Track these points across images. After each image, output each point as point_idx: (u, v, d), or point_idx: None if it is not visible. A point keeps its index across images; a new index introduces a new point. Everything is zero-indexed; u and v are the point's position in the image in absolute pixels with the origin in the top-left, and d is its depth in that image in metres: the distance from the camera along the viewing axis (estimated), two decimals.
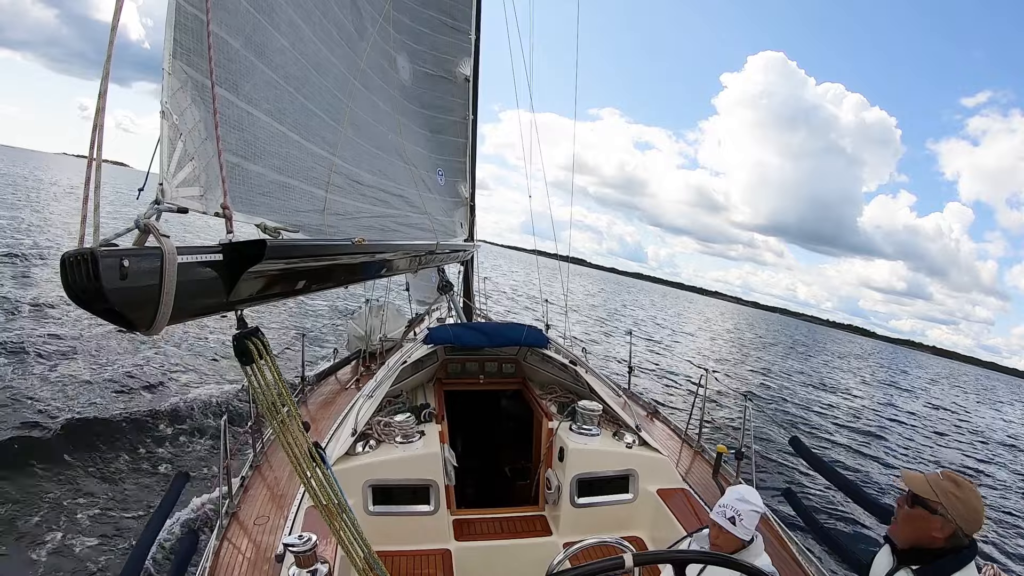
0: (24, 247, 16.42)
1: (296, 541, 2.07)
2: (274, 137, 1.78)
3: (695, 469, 3.99)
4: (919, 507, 1.64)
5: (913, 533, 1.67)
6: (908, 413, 22.17)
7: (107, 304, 0.89)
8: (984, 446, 18.56)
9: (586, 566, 1.49)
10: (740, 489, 2.10)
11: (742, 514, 1.99)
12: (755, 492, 2.11)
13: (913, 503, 1.66)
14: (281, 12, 1.97)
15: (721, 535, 2.03)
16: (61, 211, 29.09)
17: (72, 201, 35.01)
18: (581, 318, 28.53)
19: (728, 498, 2.06)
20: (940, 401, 31.42)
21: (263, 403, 1.22)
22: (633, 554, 1.51)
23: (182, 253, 1.01)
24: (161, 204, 1.11)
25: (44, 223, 23.36)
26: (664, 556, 1.65)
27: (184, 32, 1.28)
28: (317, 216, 2.11)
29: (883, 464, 12.55)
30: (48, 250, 16.48)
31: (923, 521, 1.63)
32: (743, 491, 2.09)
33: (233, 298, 1.19)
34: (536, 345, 4.56)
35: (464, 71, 5.58)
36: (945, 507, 1.59)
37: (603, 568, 1.46)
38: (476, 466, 4.52)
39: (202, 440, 6.80)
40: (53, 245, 17.58)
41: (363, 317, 5.72)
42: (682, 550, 2.16)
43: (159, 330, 1.00)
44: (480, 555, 3.18)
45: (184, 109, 1.25)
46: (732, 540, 2.01)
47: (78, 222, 0.94)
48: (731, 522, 2.00)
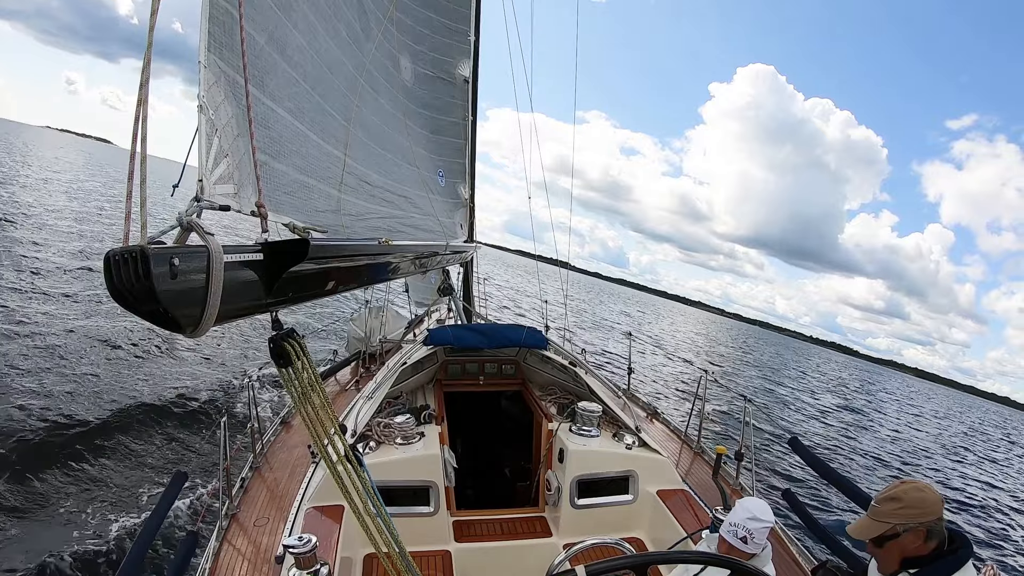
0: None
1: (296, 542, 2.06)
2: (296, 136, 1.77)
3: (695, 470, 4.03)
4: (888, 541, 1.63)
5: (891, 560, 1.66)
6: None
7: (156, 304, 0.86)
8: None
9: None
10: (750, 506, 2.04)
11: (754, 533, 1.96)
12: (765, 507, 2.05)
13: (880, 543, 1.66)
14: (298, 10, 1.95)
15: (732, 551, 1.98)
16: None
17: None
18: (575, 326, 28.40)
19: (739, 516, 2.01)
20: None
21: (299, 405, 1.20)
22: (585, 567, 1.48)
23: (226, 252, 1.00)
24: (202, 201, 1.09)
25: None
26: (619, 563, 1.59)
27: (217, 25, 1.26)
28: (333, 216, 2.10)
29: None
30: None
31: (897, 547, 1.63)
32: (753, 508, 2.02)
33: (270, 298, 1.17)
34: (536, 346, 4.57)
35: (463, 73, 5.59)
36: (900, 524, 1.59)
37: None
38: (476, 467, 4.51)
39: (201, 440, 6.70)
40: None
41: (363, 319, 5.71)
42: (636, 554, 2.08)
43: (204, 332, 0.98)
44: (480, 556, 3.18)
45: (219, 104, 1.23)
46: (741, 555, 1.97)
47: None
48: (743, 541, 1.97)
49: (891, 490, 1.66)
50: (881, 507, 1.64)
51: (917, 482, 1.66)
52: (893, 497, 1.63)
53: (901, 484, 1.67)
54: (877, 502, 1.68)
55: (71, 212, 23.10)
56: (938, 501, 1.61)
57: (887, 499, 1.64)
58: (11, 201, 21.22)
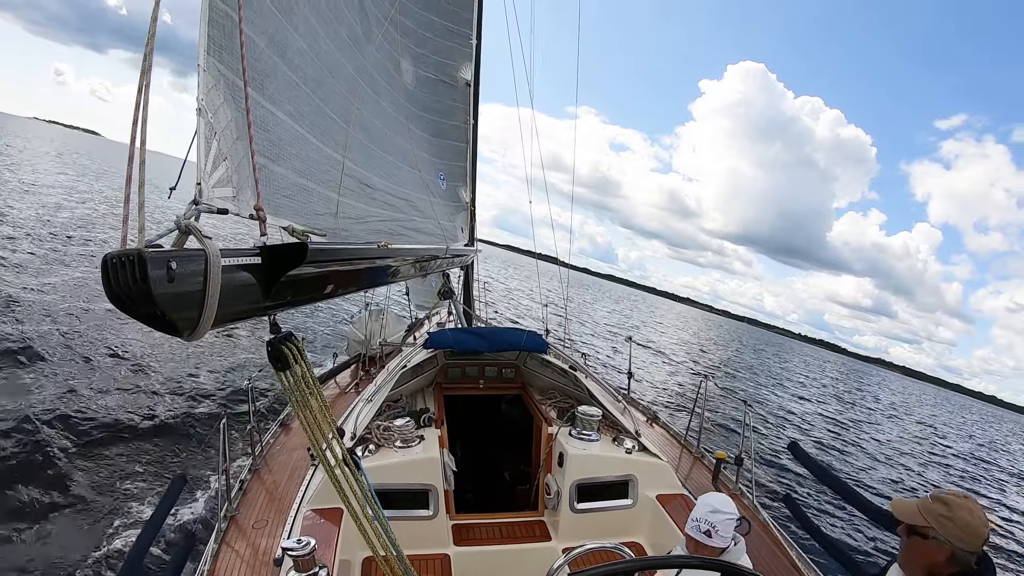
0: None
1: (295, 545, 2.06)
2: (296, 139, 1.77)
3: (694, 475, 4.01)
4: (915, 536, 1.61)
5: (917, 562, 1.64)
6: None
7: (154, 308, 0.86)
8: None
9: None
10: (710, 500, 2.05)
11: (716, 525, 1.96)
12: (726, 499, 2.06)
13: (909, 533, 1.64)
14: (299, 13, 1.96)
15: (699, 548, 1.99)
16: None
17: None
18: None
19: (700, 511, 2.02)
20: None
21: (297, 408, 1.20)
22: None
23: (224, 256, 1.00)
24: (200, 204, 1.09)
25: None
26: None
27: (216, 29, 1.26)
28: (332, 219, 2.10)
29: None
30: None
31: (921, 549, 1.60)
32: (713, 501, 2.03)
33: (268, 302, 1.17)
34: (536, 350, 4.57)
35: (465, 76, 5.60)
36: (936, 530, 1.55)
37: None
38: (475, 471, 4.50)
39: (200, 443, 6.69)
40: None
41: (363, 321, 5.71)
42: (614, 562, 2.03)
43: (201, 335, 0.98)
44: (479, 560, 3.17)
45: (217, 107, 1.23)
46: (710, 551, 1.98)
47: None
48: (707, 535, 1.97)
49: (951, 495, 1.63)
50: (932, 504, 1.61)
51: (975, 505, 1.61)
52: (947, 502, 1.60)
53: (963, 498, 1.62)
54: (932, 497, 1.65)
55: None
56: (980, 535, 1.55)
57: (941, 501, 1.61)
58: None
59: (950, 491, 1.66)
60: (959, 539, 1.54)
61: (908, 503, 1.68)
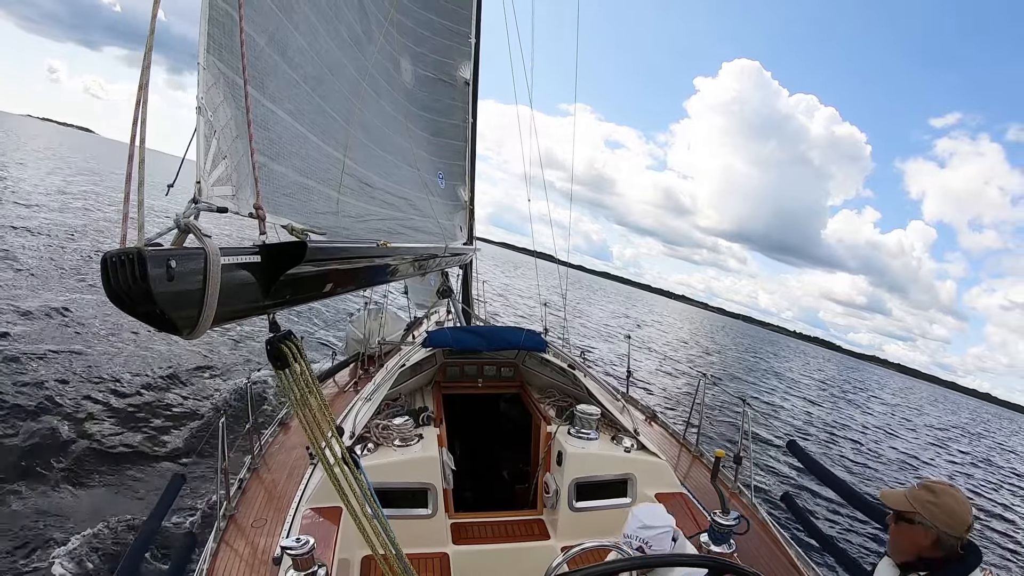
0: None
1: (294, 544, 2.06)
2: (296, 137, 1.77)
3: (693, 473, 4.02)
4: (902, 522, 1.70)
5: (904, 547, 1.72)
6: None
7: (153, 306, 0.86)
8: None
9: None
10: (639, 514, 1.97)
11: (649, 541, 1.89)
12: (657, 510, 1.98)
13: (897, 519, 1.72)
14: (299, 11, 1.96)
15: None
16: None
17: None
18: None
19: (630, 527, 1.94)
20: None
21: (297, 407, 1.20)
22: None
23: (223, 254, 1.00)
24: (199, 203, 1.09)
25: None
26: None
27: (216, 27, 1.26)
28: (332, 218, 2.10)
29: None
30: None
31: (908, 534, 1.68)
32: (642, 516, 1.95)
33: (267, 301, 1.17)
34: (535, 349, 4.57)
35: (464, 75, 5.60)
36: (922, 515, 1.64)
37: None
38: (474, 470, 4.50)
39: (199, 441, 6.69)
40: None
41: (362, 320, 5.71)
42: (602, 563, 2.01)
43: (201, 334, 0.98)
44: (478, 559, 3.17)
45: (217, 106, 1.23)
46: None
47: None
48: (639, 552, 1.90)
49: (937, 483, 1.72)
50: (919, 491, 1.70)
51: (959, 493, 1.69)
52: (933, 489, 1.68)
53: (948, 486, 1.71)
54: (920, 485, 1.73)
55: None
56: (965, 521, 1.63)
57: (927, 488, 1.69)
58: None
59: (936, 480, 1.75)
60: (945, 524, 1.61)
61: (896, 492, 1.77)
